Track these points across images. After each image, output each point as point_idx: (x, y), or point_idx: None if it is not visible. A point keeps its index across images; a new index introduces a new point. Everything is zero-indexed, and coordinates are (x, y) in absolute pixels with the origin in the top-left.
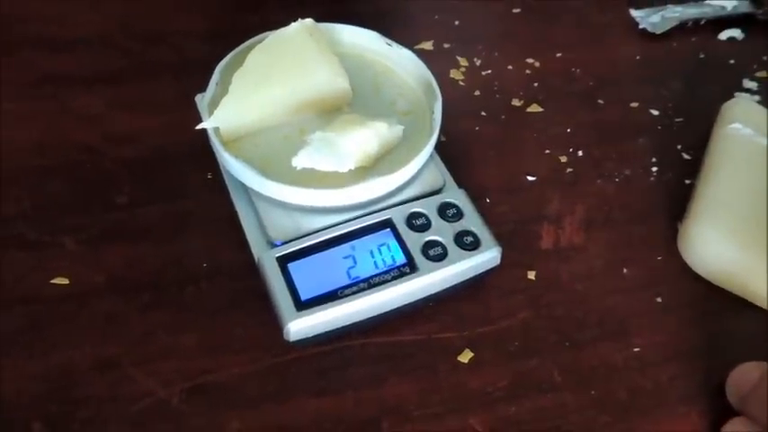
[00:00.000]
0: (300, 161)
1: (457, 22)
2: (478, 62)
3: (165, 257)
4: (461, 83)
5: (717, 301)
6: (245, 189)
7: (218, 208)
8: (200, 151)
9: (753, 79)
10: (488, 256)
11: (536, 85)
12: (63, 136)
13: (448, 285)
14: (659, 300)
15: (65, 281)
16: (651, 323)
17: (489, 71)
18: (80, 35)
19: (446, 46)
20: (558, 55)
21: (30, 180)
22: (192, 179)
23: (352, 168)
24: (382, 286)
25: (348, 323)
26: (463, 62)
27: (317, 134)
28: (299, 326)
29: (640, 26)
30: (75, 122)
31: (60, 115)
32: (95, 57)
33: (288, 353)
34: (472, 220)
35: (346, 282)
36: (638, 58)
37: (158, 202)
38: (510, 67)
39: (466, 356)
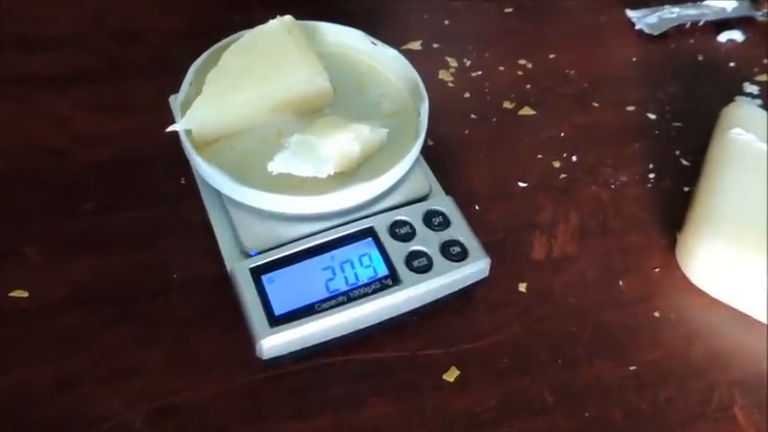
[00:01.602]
0: (277, 166)
1: (447, 22)
2: (468, 63)
3: (134, 268)
4: (450, 84)
5: (718, 316)
6: (218, 195)
7: (191, 215)
8: (174, 155)
9: (754, 83)
10: (476, 268)
11: (528, 86)
12: (29, 138)
13: (433, 299)
14: (657, 314)
15: (24, 294)
16: (648, 339)
17: (480, 72)
18: (53, 33)
19: (435, 46)
20: (552, 56)
21: None
22: (164, 184)
23: (332, 174)
24: (363, 300)
25: (326, 339)
26: (453, 63)
27: (295, 137)
28: (273, 342)
29: (637, 27)
30: (42, 124)
31: (28, 117)
32: (68, 56)
33: (262, 371)
34: (459, 229)
35: (324, 295)
36: (634, 59)
37: (128, 209)
38: (501, 68)
39: (452, 375)
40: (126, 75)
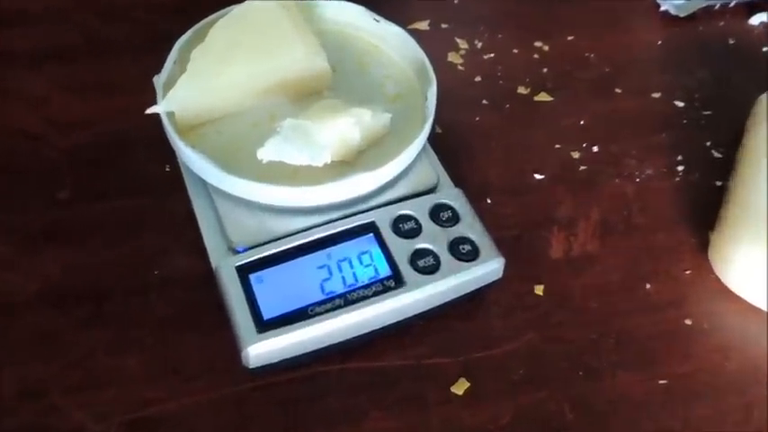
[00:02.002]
0: (267, 153)
1: (456, 0)
2: (480, 44)
3: (111, 263)
4: (460, 67)
5: (756, 324)
6: (204, 185)
7: (175, 206)
8: (158, 140)
9: None
10: (489, 269)
11: (545, 71)
12: (0, 120)
13: (440, 302)
14: (688, 322)
15: None
16: (679, 350)
17: (492, 55)
18: (30, 7)
19: (444, 26)
20: (570, 38)
21: None
22: (147, 172)
23: (330, 162)
24: (362, 303)
25: (320, 347)
26: (463, 44)
27: (288, 121)
28: (261, 350)
29: (662, 8)
30: (16, 105)
31: (0, 97)
32: (46, 32)
33: (250, 380)
34: (470, 226)
35: (319, 297)
36: (659, 43)
37: (106, 198)
38: (515, 50)
39: (461, 387)
40: (108, 53)
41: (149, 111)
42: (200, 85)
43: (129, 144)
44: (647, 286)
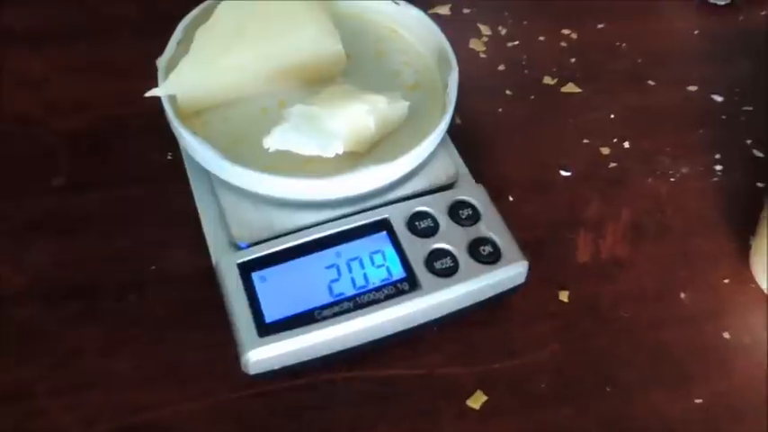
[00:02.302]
0: (274, 141)
1: None
2: (504, 31)
3: (105, 256)
4: (483, 55)
5: None
6: (206, 175)
7: (176, 197)
8: (161, 127)
9: None
10: (511, 272)
11: (573, 60)
12: None
13: (457, 308)
14: (727, 335)
15: None
16: (717, 365)
17: (516, 42)
18: None
19: (466, 11)
20: (601, 26)
21: None
22: (147, 160)
23: (341, 153)
24: (373, 307)
25: (325, 354)
26: (486, 31)
27: (297, 108)
28: (261, 356)
29: None
30: (11, 86)
31: None
32: (44, 10)
33: (249, 387)
34: (491, 225)
35: (327, 300)
36: (696, 32)
37: (103, 187)
38: (542, 37)
39: (477, 400)
40: (111, 33)
41: (149, 94)
42: (203, 67)
43: (130, 130)
44: (682, 295)
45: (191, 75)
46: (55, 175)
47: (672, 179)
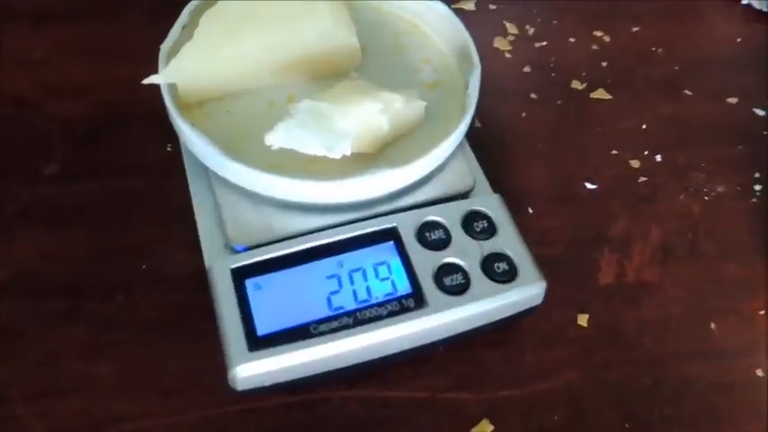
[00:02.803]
0: (277, 138)
1: None
2: (531, 30)
3: (95, 252)
4: (507, 55)
5: None
6: (205, 171)
7: (174, 192)
8: (162, 116)
9: None
10: (527, 293)
11: (604, 64)
12: None
13: (467, 328)
14: (760, 373)
15: None
16: (748, 405)
17: (545, 43)
18: None
19: (492, 8)
20: (636, 29)
21: None
22: (146, 151)
23: (349, 154)
24: (375, 324)
25: (321, 371)
26: (512, 29)
27: (305, 103)
28: (250, 372)
29: (744, 1)
30: (10, 66)
31: None
32: None
33: (237, 402)
34: (508, 239)
35: (325, 313)
36: (738, 40)
37: (97, 177)
38: (572, 39)
39: (484, 429)
40: (117, 14)
41: (147, 81)
42: (207, 54)
43: (130, 118)
44: (713, 326)
45: (193, 62)
46: (48, 162)
47: (706, 198)
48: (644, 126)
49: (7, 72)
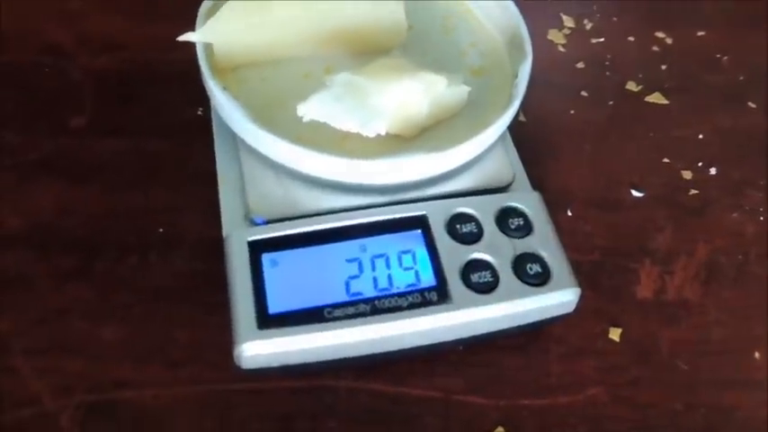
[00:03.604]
0: (309, 110)
1: None
2: (589, 26)
3: (113, 210)
4: (561, 48)
5: None
6: (232, 137)
7: (200, 156)
8: (197, 78)
9: None
10: (559, 299)
11: (663, 67)
12: (28, 30)
13: (490, 330)
14: None
15: None
16: None
17: (602, 39)
18: None
19: None
20: (701, 33)
21: None
22: (176, 112)
23: (384, 134)
24: (393, 315)
25: (332, 358)
26: (568, 22)
27: (342, 76)
28: (257, 350)
29: None
30: (48, 16)
31: (33, 4)
32: None
33: (243, 380)
34: (544, 240)
35: (341, 298)
36: None
37: (123, 134)
38: (631, 38)
39: None
40: None
41: (183, 37)
42: (247, 16)
43: (164, 78)
44: (756, 355)
45: (232, 23)
46: (75, 114)
47: (761, 218)
48: (700, 136)
49: (45, 21)
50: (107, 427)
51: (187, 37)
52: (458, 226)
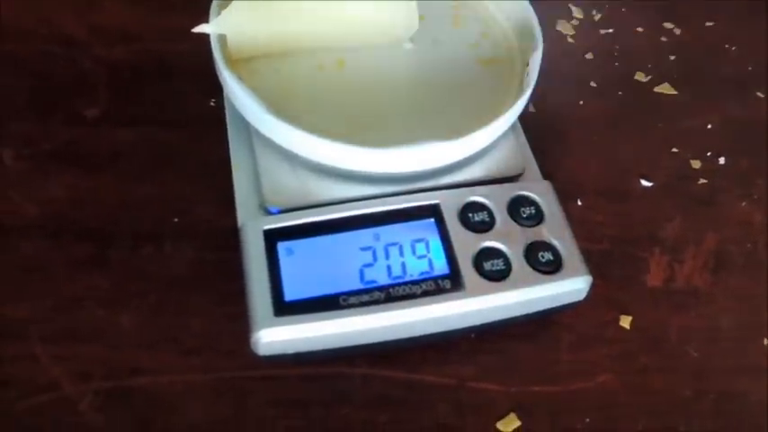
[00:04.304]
0: None
1: None
2: (598, 16)
3: (127, 200)
4: (570, 39)
5: None
6: (246, 127)
7: (212, 147)
8: (210, 69)
9: None
10: (570, 286)
11: (672, 58)
12: (43, 19)
13: (503, 317)
14: None
15: None
16: None
17: (610, 30)
18: None
19: None
20: (709, 24)
21: None
22: (189, 103)
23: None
24: (407, 302)
25: (346, 345)
26: (577, 13)
27: None
28: (274, 337)
29: None
30: (63, 5)
31: None
32: None
33: (255, 367)
34: (555, 229)
35: (356, 285)
36: None
37: (137, 124)
38: (640, 28)
39: (509, 424)
40: None
41: (197, 29)
42: (260, 8)
43: (177, 69)
44: (765, 342)
45: (245, 15)
46: (90, 105)
47: None
48: (709, 126)
49: (60, 11)
50: (124, 412)
51: (201, 29)
52: (470, 215)
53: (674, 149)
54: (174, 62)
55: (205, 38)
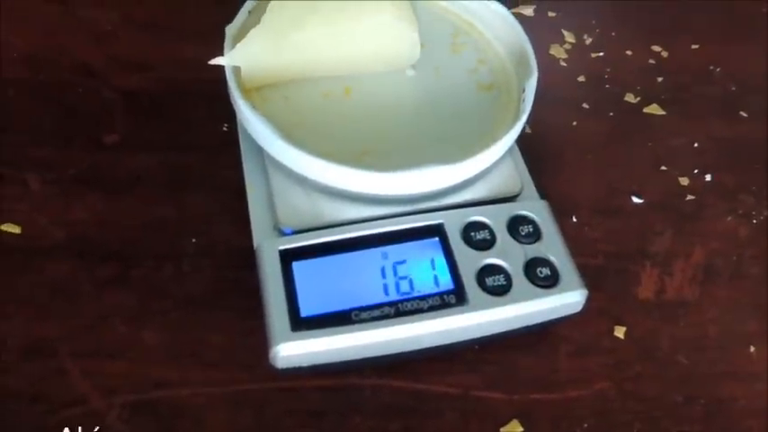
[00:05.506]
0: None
1: None
2: (589, 40)
3: (148, 222)
4: (563, 63)
5: None
6: (260, 152)
7: (228, 170)
8: (222, 96)
9: None
10: (568, 299)
11: (660, 80)
12: (62, 50)
13: (504, 330)
14: None
15: (15, 229)
16: None
17: (601, 54)
18: None
19: (551, 14)
20: (695, 46)
21: (3, 94)
22: (204, 128)
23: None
24: (415, 317)
25: (358, 358)
26: (569, 38)
27: None
28: (292, 351)
29: None
30: (80, 36)
31: (66, 25)
32: None
33: (274, 380)
34: (552, 246)
35: (367, 301)
36: None
37: (155, 150)
38: (629, 51)
39: (513, 430)
40: None
41: (213, 62)
42: (272, 40)
43: (192, 95)
44: (751, 349)
45: (259, 47)
46: (109, 132)
47: (754, 221)
48: (695, 144)
49: (79, 43)
50: (150, 425)
51: (217, 61)
52: (472, 233)
53: (663, 167)
54: (187, 89)
55: (217, 66)
